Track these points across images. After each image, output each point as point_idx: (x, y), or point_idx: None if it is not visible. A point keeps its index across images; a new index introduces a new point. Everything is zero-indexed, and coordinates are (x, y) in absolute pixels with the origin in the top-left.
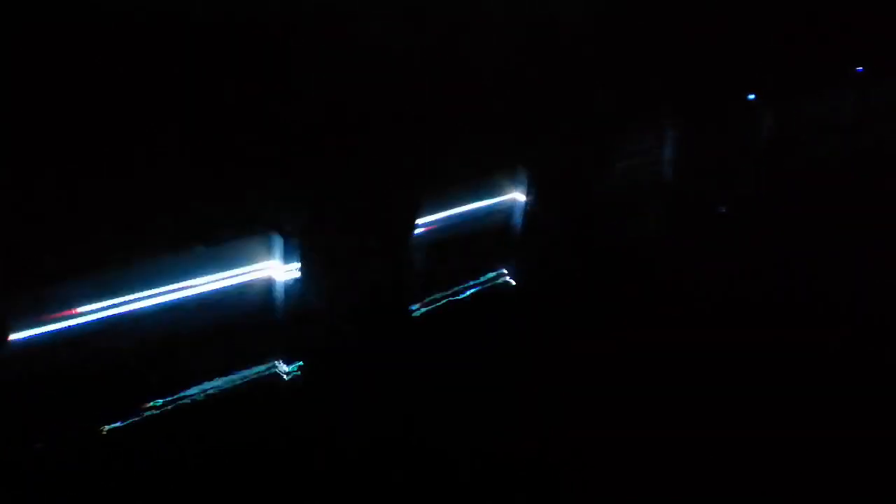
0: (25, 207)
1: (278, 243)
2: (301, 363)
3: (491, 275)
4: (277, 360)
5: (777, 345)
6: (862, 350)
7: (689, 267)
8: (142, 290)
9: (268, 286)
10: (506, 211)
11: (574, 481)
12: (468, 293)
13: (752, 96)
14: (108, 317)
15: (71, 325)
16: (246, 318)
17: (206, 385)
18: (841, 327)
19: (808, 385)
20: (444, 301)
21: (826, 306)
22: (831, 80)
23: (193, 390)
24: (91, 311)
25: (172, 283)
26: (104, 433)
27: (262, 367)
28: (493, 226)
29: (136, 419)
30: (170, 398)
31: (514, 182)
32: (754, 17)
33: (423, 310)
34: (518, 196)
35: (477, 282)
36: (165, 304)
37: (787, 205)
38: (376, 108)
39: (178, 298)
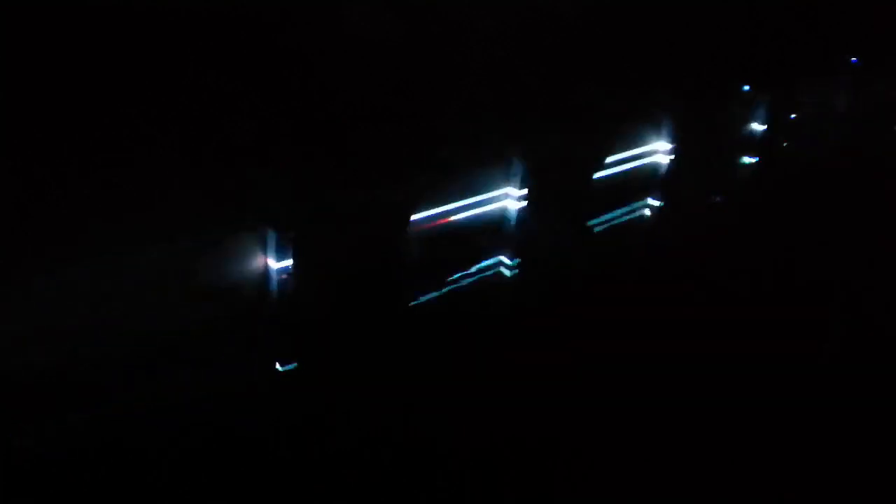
0: (15, 201)
1: (272, 238)
2: (296, 358)
3: (488, 267)
4: (274, 354)
5: (774, 332)
6: (857, 339)
7: (685, 255)
8: (135, 285)
9: (262, 281)
10: (501, 203)
11: (575, 476)
12: (465, 286)
13: (747, 87)
14: (103, 311)
15: (64, 318)
16: (241, 313)
17: (205, 380)
18: (835, 314)
19: (801, 374)
20: (441, 294)
21: (821, 293)
22: (827, 70)
23: (191, 386)
24: (88, 305)
25: (167, 278)
26: (96, 428)
27: (258, 362)
28: (489, 218)
29: (130, 415)
30: (164, 394)
31: (509, 175)
32: (751, 7)
33: (420, 302)
34: (513, 189)
35: (473, 274)
36: (159, 299)
37: (782, 194)
38: (371, 103)
39: (172, 293)
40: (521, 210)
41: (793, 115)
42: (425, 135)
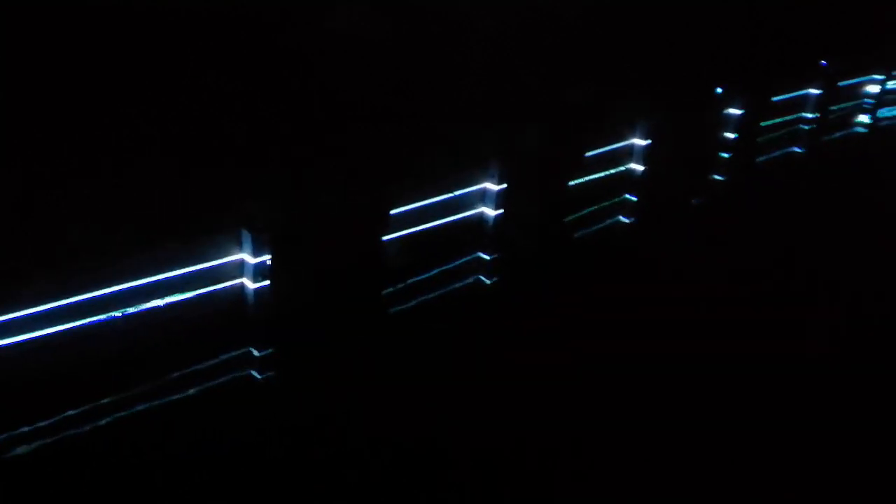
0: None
1: (248, 239)
2: (273, 361)
3: (465, 265)
4: (250, 356)
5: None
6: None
7: (664, 257)
8: (113, 288)
9: (238, 285)
10: (478, 204)
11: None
12: (443, 288)
13: (719, 90)
14: (80, 314)
15: (45, 321)
16: (217, 315)
17: (179, 385)
18: (819, 310)
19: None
20: (420, 296)
21: (800, 292)
22: (798, 73)
23: (166, 392)
24: (65, 308)
25: (144, 280)
26: (81, 434)
27: (234, 367)
28: (466, 219)
29: (110, 420)
30: (141, 399)
31: (486, 175)
32: (724, 11)
33: (398, 306)
34: (490, 188)
35: (451, 275)
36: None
37: (758, 195)
38: (350, 103)
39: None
40: (499, 208)
41: (767, 117)
42: (404, 136)
